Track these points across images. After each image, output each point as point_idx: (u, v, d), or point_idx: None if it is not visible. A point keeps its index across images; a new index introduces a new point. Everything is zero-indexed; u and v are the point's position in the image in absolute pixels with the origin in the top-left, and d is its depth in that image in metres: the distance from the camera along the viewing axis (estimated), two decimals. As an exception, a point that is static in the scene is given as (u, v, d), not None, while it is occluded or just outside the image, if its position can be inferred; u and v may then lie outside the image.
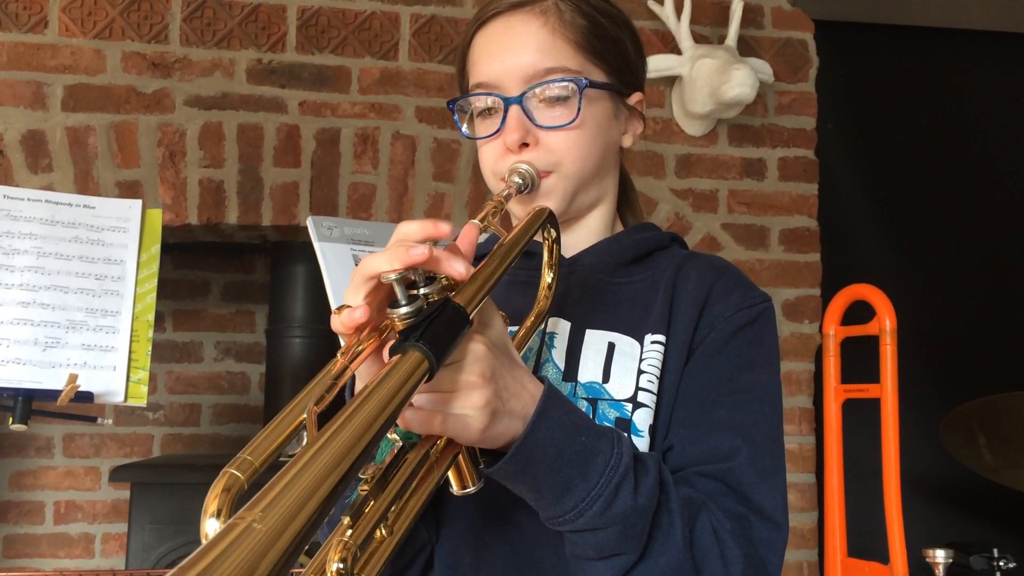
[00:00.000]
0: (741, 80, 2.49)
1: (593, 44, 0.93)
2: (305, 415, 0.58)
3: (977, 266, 3.41)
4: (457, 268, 0.69)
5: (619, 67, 0.96)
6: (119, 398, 1.73)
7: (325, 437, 0.51)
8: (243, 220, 2.49)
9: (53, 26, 2.46)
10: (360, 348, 0.68)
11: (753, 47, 2.80)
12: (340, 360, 0.66)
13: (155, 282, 1.81)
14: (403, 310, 0.67)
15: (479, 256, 0.79)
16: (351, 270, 1.65)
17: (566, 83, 0.91)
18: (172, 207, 2.44)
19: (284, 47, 2.57)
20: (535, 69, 0.91)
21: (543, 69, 0.91)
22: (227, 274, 3.04)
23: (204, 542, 0.48)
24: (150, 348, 1.77)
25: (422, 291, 0.68)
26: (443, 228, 0.71)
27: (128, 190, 2.42)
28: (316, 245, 1.61)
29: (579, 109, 0.91)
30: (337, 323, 0.68)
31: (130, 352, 1.75)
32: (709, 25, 2.78)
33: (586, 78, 0.91)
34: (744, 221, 2.78)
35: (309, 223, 1.63)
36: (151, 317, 1.79)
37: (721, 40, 2.73)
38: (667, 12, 2.66)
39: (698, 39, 2.69)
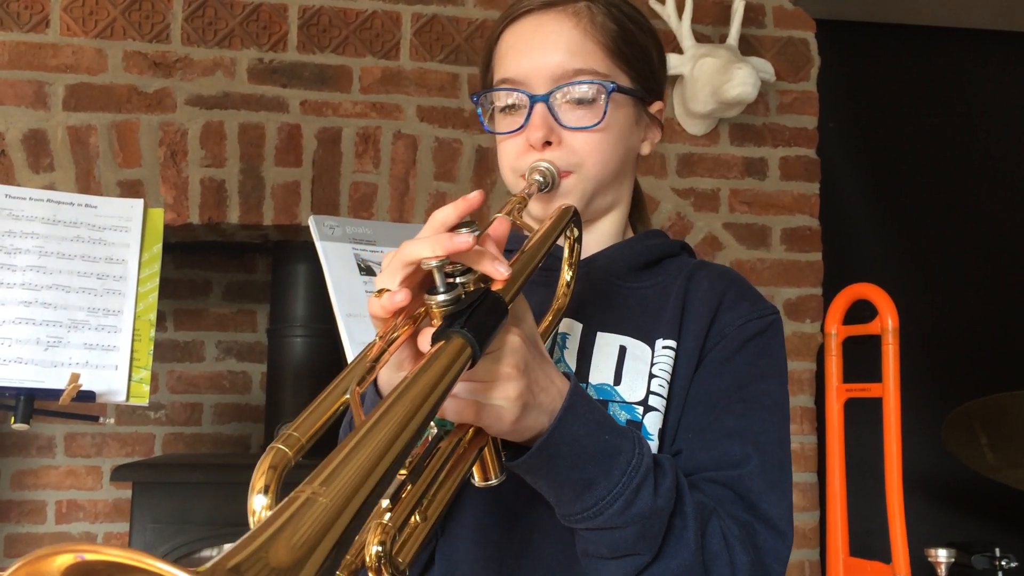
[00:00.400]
0: (743, 79, 2.48)
1: (622, 49, 0.93)
2: (348, 395, 0.58)
3: (979, 265, 3.41)
4: (500, 270, 0.69)
5: (644, 74, 0.96)
6: (121, 397, 1.73)
7: (377, 415, 0.50)
8: (244, 219, 2.49)
9: (54, 25, 2.45)
10: (395, 335, 0.68)
11: (754, 46, 2.80)
12: (378, 343, 0.66)
13: (157, 281, 1.82)
14: (441, 297, 0.66)
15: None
16: (353, 269, 1.65)
17: (594, 85, 0.91)
18: (173, 206, 2.44)
19: (285, 46, 2.57)
20: (564, 69, 0.91)
21: (572, 70, 0.91)
22: (228, 273, 3.04)
23: (251, 519, 0.47)
24: (152, 347, 1.77)
25: (458, 280, 0.69)
26: (474, 200, 0.72)
27: (129, 189, 2.42)
28: (318, 244, 1.61)
29: (605, 112, 0.91)
30: (376, 306, 0.68)
31: (132, 351, 1.75)
32: (710, 24, 2.78)
33: (614, 82, 0.92)
34: (745, 220, 2.78)
35: (311, 222, 1.63)
36: (153, 316, 1.79)
37: (722, 39, 2.72)
38: (668, 11, 2.65)
39: (699, 38, 2.69)
